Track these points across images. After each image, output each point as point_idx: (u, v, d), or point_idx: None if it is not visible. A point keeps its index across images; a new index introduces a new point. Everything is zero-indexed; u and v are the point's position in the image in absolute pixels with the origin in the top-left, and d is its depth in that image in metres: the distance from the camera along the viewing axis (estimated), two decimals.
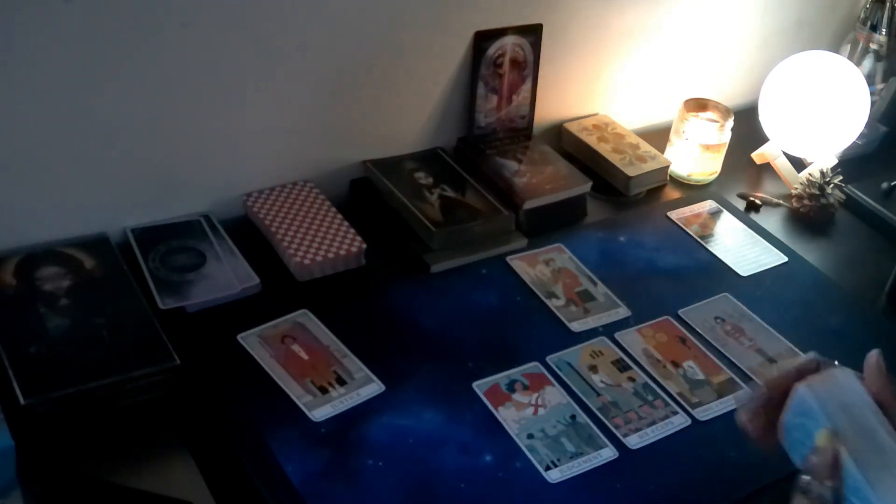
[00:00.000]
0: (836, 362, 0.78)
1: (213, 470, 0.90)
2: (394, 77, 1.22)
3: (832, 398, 0.78)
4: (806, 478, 0.74)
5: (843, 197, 1.37)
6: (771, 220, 1.35)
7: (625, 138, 1.40)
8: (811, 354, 0.83)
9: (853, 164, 1.45)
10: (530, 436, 0.94)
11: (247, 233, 1.15)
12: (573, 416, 0.97)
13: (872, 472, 0.75)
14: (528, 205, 1.22)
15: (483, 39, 1.25)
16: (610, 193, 1.34)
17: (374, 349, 1.02)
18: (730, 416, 1.01)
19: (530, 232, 1.22)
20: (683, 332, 1.11)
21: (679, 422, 0.99)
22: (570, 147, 1.41)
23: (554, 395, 1.00)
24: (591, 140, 1.39)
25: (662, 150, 1.40)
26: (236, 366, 0.98)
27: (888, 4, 1.50)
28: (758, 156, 1.46)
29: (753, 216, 1.35)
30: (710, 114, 1.41)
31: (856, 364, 0.91)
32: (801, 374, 0.79)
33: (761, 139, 1.46)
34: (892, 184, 1.39)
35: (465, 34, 1.24)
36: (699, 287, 1.18)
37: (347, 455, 0.90)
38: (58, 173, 1.04)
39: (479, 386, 0.99)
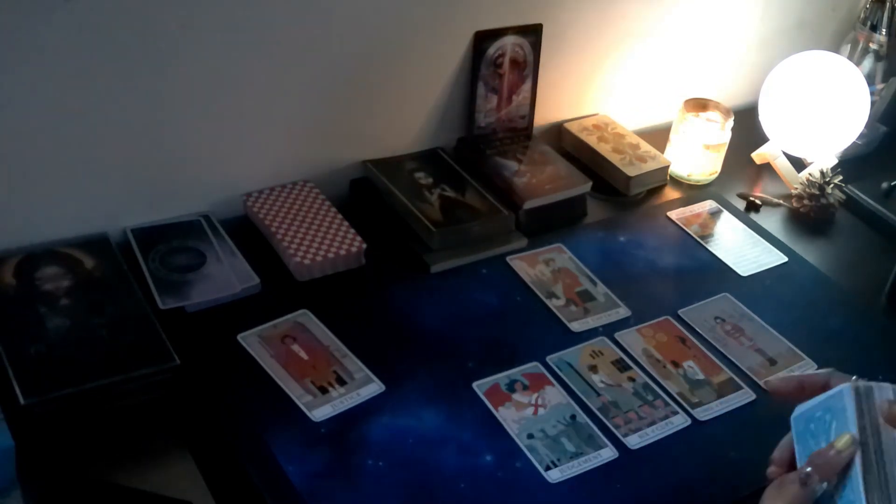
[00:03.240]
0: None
1: (213, 470, 0.90)
2: (394, 77, 1.22)
3: (872, 414, 0.77)
4: (807, 470, 0.73)
5: (843, 197, 1.37)
6: (771, 220, 1.35)
7: (625, 138, 1.40)
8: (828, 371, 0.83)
9: (853, 164, 1.45)
10: (530, 436, 0.94)
11: (247, 233, 1.15)
12: (573, 416, 0.97)
13: (874, 493, 0.74)
14: (528, 205, 1.22)
15: (483, 39, 1.25)
16: (610, 193, 1.34)
17: (374, 349, 1.02)
18: (730, 416, 1.01)
19: (530, 232, 1.22)
20: (683, 332, 1.11)
21: (679, 422, 0.99)
22: (570, 147, 1.41)
23: (554, 395, 1.00)
24: (591, 140, 1.39)
25: (662, 150, 1.40)
26: (236, 366, 0.98)
27: (888, 4, 1.50)
28: (758, 156, 1.46)
29: (753, 216, 1.35)
30: (710, 114, 1.41)
31: (855, 363, 0.90)
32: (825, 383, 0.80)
33: (761, 139, 1.46)
34: (892, 184, 1.39)
35: (465, 34, 1.24)
36: (699, 287, 1.18)
37: (347, 455, 0.90)
38: (58, 173, 1.04)
39: (479, 386, 0.99)
